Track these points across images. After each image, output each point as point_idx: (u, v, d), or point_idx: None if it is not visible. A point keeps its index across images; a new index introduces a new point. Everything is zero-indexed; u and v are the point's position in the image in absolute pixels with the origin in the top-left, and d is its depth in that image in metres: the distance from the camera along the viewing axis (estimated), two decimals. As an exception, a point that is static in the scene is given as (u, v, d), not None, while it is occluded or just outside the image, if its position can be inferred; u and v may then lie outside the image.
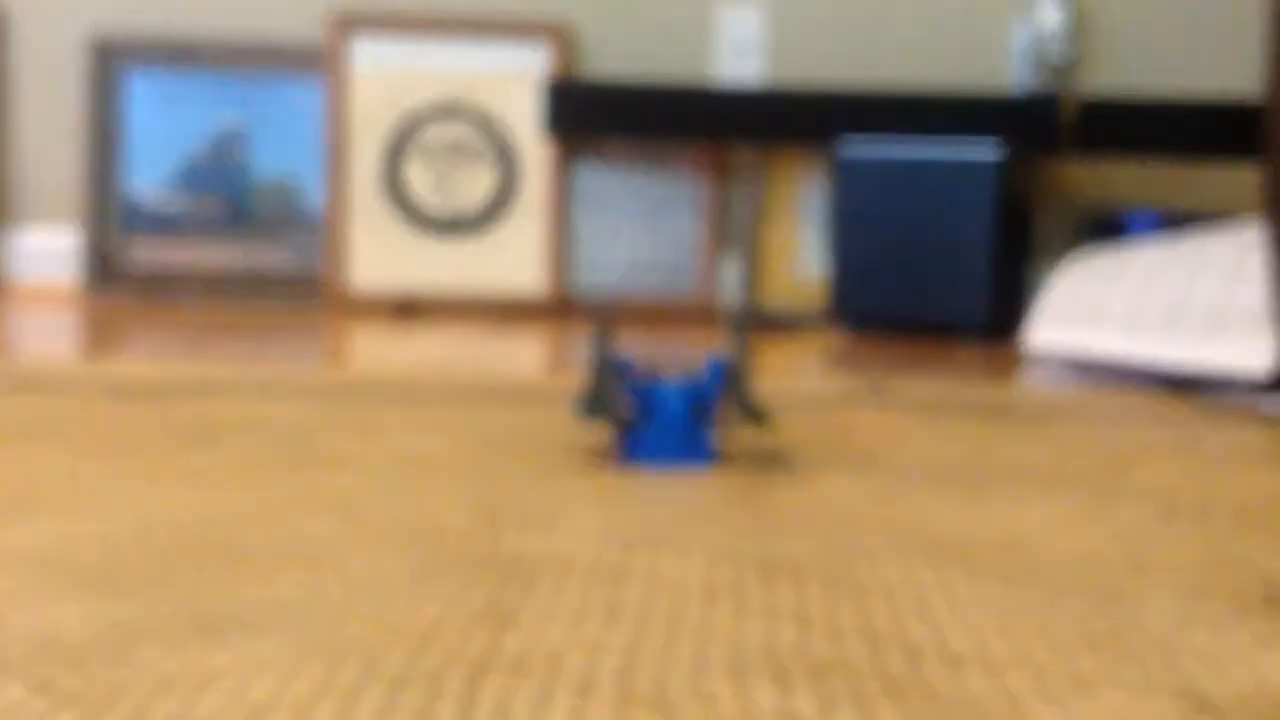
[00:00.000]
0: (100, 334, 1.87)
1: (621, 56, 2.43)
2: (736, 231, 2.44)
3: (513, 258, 2.38)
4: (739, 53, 2.44)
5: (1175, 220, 2.14)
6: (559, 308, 2.38)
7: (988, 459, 1.02)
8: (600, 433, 1.08)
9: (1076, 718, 0.50)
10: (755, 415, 0.96)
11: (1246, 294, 1.42)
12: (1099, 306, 1.52)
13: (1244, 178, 2.28)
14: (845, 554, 0.73)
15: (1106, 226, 2.26)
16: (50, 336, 1.77)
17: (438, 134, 2.37)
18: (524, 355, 1.76)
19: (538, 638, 0.58)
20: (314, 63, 2.37)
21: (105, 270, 2.37)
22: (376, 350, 1.77)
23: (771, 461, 1.00)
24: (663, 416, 0.96)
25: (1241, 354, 1.36)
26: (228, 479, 0.88)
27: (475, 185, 2.38)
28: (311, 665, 0.54)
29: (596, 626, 0.60)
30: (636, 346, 1.90)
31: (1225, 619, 0.63)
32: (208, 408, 1.17)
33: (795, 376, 1.46)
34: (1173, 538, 0.79)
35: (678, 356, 1.62)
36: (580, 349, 1.88)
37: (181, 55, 2.38)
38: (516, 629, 0.59)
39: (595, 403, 0.97)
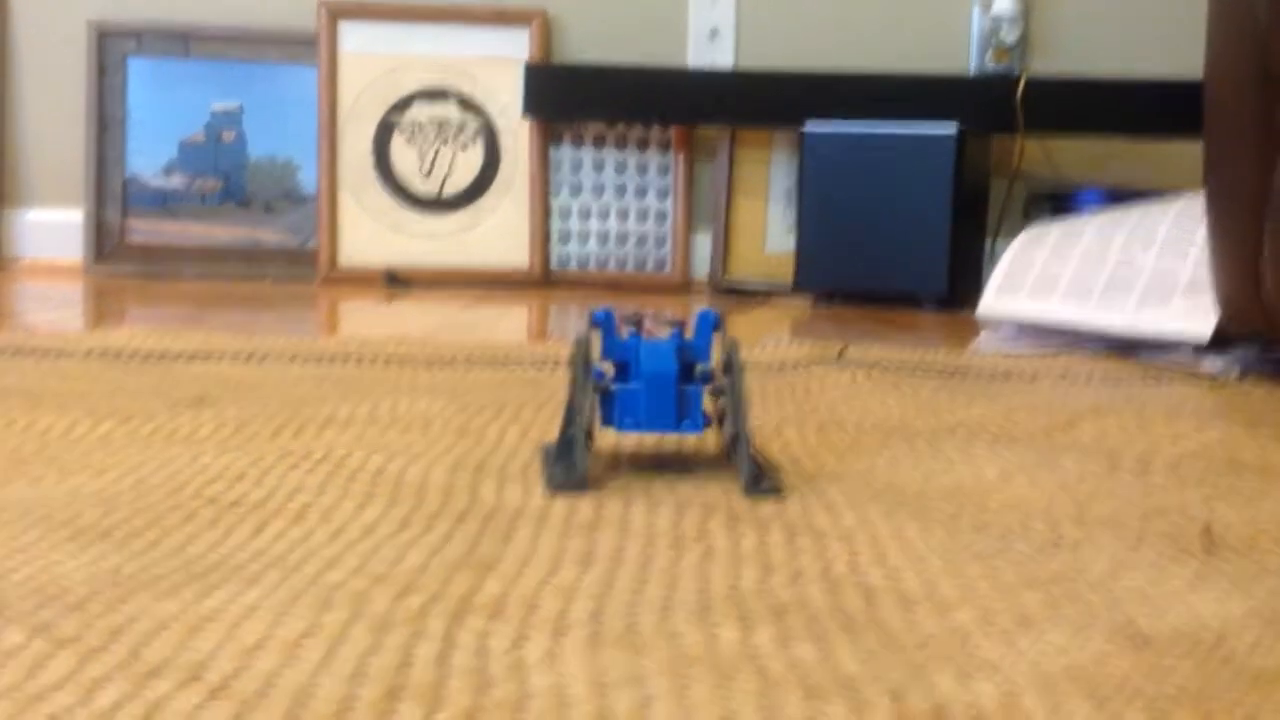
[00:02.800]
0: (102, 306, 1.85)
1: (599, 42, 2.42)
2: (708, 207, 2.43)
3: (496, 233, 2.37)
4: (709, 38, 2.43)
5: (1121, 196, 2.14)
6: (541, 281, 2.37)
7: (942, 417, 1.03)
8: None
9: (1021, 652, 0.50)
10: (763, 477, 0.77)
11: (1187, 262, 1.43)
12: (1048, 276, 1.52)
13: (1185, 154, 2.28)
14: (806, 503, 0.73)
15: (1056, 203, 2.26)
16: (54, 309, 1.76)
17: (424, 115, 2.36)
18: (508, 325, 1.76)
19: (515, 583, 0.58)
20: (307, 48, 2.36)
21: (106, 247, 2.35)
22: (367, 321, 1.76)
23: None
24: (649, 377, 0.78)
25: (1183, 318, 1.36)
26: (221, 438, 0.87)
27: (460, 164, 2.37)
28: (299, 609, 0.53)
29: (570, 572, 0.60)
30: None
31: (1163, 563, 0.63)
32: (204, 372, 1.16)
33: (763, 342, 1.46)
34: (1115, 489, 0.79)
35: (662, 313, 1.52)
36: (561, 320, 1.87)
37: (179, 40, 2.36)
38: (495, 575, 0.59)
39: (564, 461, 0.78)
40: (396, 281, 2.30)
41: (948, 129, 2.09)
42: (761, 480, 0.76)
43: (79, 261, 2.37)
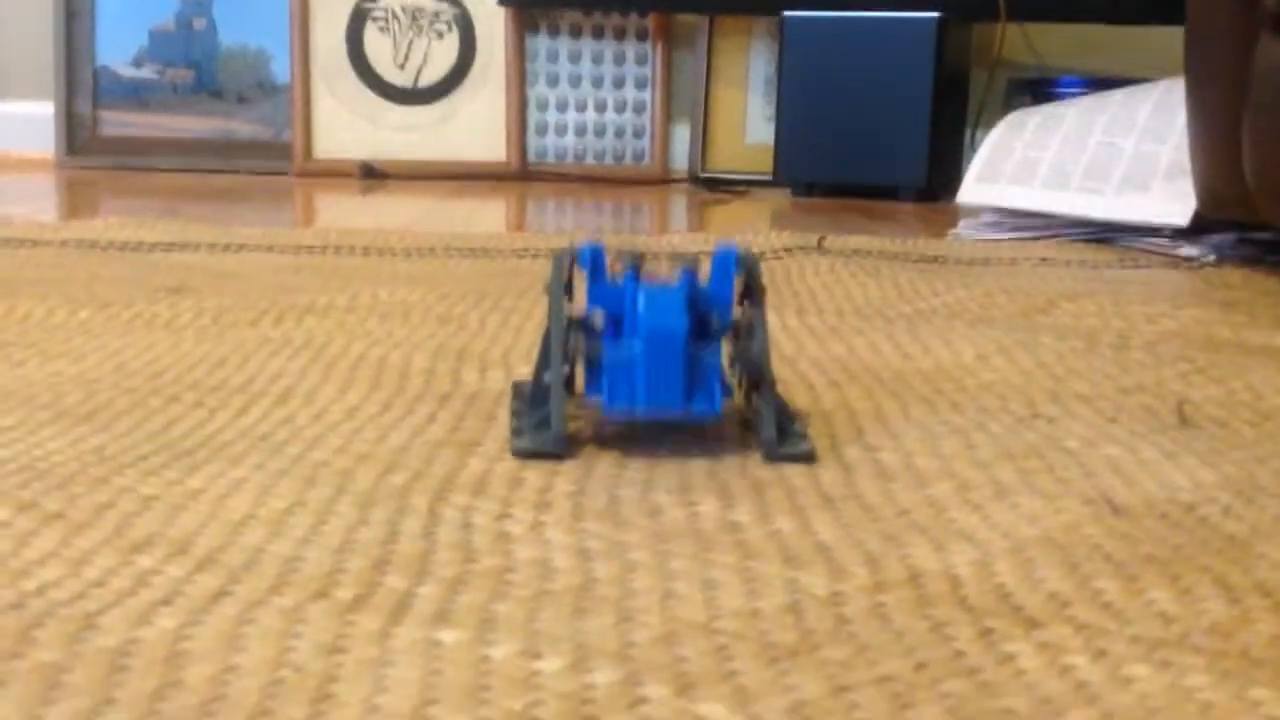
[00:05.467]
0: (76, 199, 1.84)
1: (575, -72, 2.38)
2: (686, 98, 2.41)
3: (472, 125, 2.35)
4: (688, -76, 2.39)
5: (1102, 84, 2.13)
6: (519, 174, 2.35)
7: (920, 302, 1.03)
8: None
9: (995, 522, 0.51)
10: (789, 437, 0.61)
11: (1167, 147, 1.43)
12: (1028, 162, 1.52)
13: (1168, 40, 2.26)
14: (786, 386, 0.74)
15: (1037, 91, 2.25)
16: (27, 201, 1.74)
17: (398, 3, 2.32)
18: (486, 218, 1.75)
19: (498, 462, 0.59)
20: (275, -65, 2.31)
21: (79, 140, 2.32)
22: (343, 213, 1.75)
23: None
24: (650, 337, 0.59)
25: (1162, 204, 1.37)
26: (201, 326, 0.87)
27: (435, 54, 2.34)
28: (284, 486, 0.54)
29: (552, 451, 0.60)
30: (604, 228, 1.88)
31: (1139, 437, 0.64)
32: (181, 262, 1.15)
33: (743, 232, 1.46)
34: (1092, 367, 0.80)
35: (663, 247, 1.26)
36: (539, 214, 1.86)
37: (145, -72, 2.31)
38: (478, 455, 0.60)
39: (536, 416, 0.62)
40: (372, 174, 2.29)
41: (929, 16, 2.07)
42: (787, 439, 0.60)
43: (51, 155, 2.34)
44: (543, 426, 0.61)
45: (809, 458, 0.59)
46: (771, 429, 0.60)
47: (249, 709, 0.35)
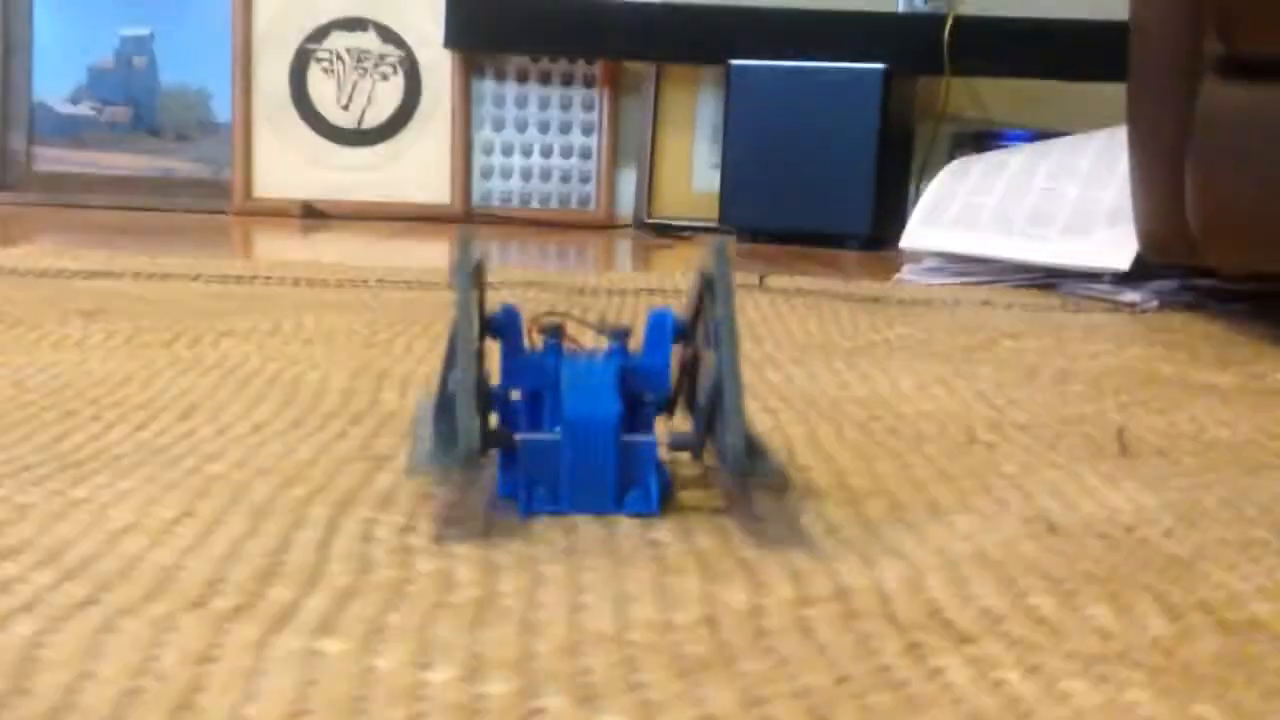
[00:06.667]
0: (7, 232, 1.79)
1: (523, -26, 2.37)
2: (633, 144, 2.40)
3: (417, 168, 2.32)
4: (637, -27, 2.38)
5: (1046, 139, 2.14)
6: (462, 217, 2.32)
7: (861, 338, 1.01)
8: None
9: (928, 539, 0.49)
10: (758, 456, 0.51)
11: (1109, 192, 1.42)
12: (972, 207, 1.51)
13: (1112, 97, 2.28)
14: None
15: (981, 145, 2.25)
16: (-47, 233, 1.69)
17: (343, 45, 2.30)
18: (427, 256, 1.72)
19: (408, 479, 0.55)
20: (220, -27, 2.28)
21: (12, 175, 2.28)
22: (280, 251, 1.72)
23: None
24: (575, 426, 0.50)
25: (1104, 249, 1.36)
26: (111, 346, 0.84)
27: (380, 96, 2.32)
28: (173, 497, 0.51)
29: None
30: (531, 297, 1.85)
31: (1079, 462, 0.62)
32: (102, 288, 1.12)
33: (684, 272, 1.44)
34: (1032, 399, 0.78)
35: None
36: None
37: (87, -37, 2.27)
38: (388, 470, 0.56)
39: (440, 429, 0.52)
40: (313, 214, 2.25)
41: (875, 67, 2.07)
42: (756, 460, 0.50)
43: (-17, 190, 2.28)
44: (448, 441, 0.49)
45: (780, 479, 0.50)
46: (740, 440, 0.47)
47: (99, 717, 0.32)
